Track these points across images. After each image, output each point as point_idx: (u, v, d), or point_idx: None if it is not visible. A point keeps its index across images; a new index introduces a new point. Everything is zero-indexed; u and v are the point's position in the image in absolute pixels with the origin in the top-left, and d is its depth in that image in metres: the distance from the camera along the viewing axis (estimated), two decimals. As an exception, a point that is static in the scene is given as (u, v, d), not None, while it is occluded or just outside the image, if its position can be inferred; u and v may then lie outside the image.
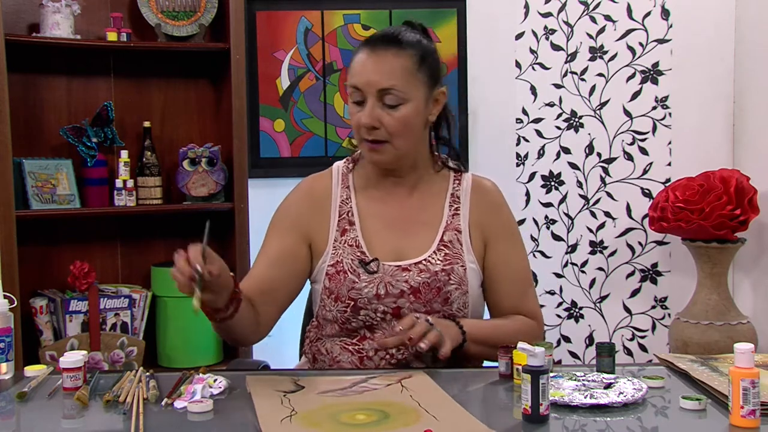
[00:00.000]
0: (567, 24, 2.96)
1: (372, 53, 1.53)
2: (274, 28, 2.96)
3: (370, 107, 1.52)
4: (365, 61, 1.53)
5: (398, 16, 2.95)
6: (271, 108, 2.97)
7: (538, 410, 1.17)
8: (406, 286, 1.55)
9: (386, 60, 1.52)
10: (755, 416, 1.15)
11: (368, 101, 1.52)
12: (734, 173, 2.61)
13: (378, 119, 1.52)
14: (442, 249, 1.59)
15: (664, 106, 2.94)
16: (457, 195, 1.65)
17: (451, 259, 1.58)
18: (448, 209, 1.64)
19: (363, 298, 1.55)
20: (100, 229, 2.80)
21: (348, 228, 1.61)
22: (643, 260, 2.98)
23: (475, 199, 1.66)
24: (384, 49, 1.53)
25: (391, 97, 1.51)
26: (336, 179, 1.67)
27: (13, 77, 2.48)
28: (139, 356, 2.61)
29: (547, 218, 3.01)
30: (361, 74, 1.53)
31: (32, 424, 1.28)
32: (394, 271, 1.56)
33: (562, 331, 3.02)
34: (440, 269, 1.57)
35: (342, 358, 1.59)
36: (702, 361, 1.50)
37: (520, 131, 3.01)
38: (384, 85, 1.51)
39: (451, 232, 1.61)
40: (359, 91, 1.53)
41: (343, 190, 1.65)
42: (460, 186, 1.67)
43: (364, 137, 1.55)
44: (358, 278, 1.55)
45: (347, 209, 1.63)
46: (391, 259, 1.58)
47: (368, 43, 1.55)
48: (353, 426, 1.15)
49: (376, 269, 1.56)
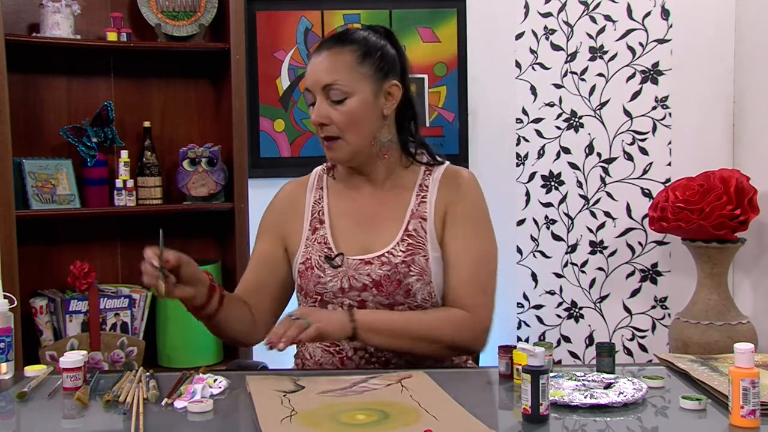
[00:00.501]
0: (567, 24, 2.97)
1: (318, 54, 1.60)
2: (274, 28, 2.95)
3: (318, 105, 1.58)
4: (312, 63, 1.60)
5: (398, 16, 2.95)
6: (271, 108, 2.97)
7: (538, 410, 1.17)
8: (369, 279, 1.57)
9: (329, 57, 1.58)
10: (755, 416, 1.15)
11: (317, 100, 1.58)
12: (734, 173, 2.61)
13: (326, 116, 1.57)
14: (406, 239, 1.60)
15: (664, 106, 2.94)
16: (425, 185, 1.65)
17: (414, 249, 1.58)
18: (415, 198, 1.64)
19: (328, 292, 1.59)
20: (100, 229, 2.80)
21: (318, 227, 1.66)
22: (643, 260, 2.98)
23: (443, 185, 1.65)
24: (327, 48, 1.60)
25: (335, 92, 1.56)
26: (312, 182, 1.74)
27: (13, 77, 2.48)
28: (139, 356, 2.61)
29: (547, 218, 3.01)
30: (309, 75, 1.60)
31: (32, 424, 1.28)
32: (358, 265, 1.59)
33: (562, 331, 3.03)
34: (401, 261, 1.57)
35: (324, 360, 1.61)
36: (702, 361, 1.50)
37: (520, 131, 3.01)
38: (326, 81, 1.56)
39: (416, 220, 1.61)
40: (310, 92, 1.59)
41: (316, 191, 1.71)
42: (431, 176, 1.66)
43: (319, 136, 1.61)
44: (324, 273, 1.59)
45: (319, 209, 1.68)
46: (357, 254, 1.60)
47: (318, 48, 1.62)
48: (353, 426, 1.15)
49: (340, 264, 1.59)
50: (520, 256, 3.02)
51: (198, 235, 2.91)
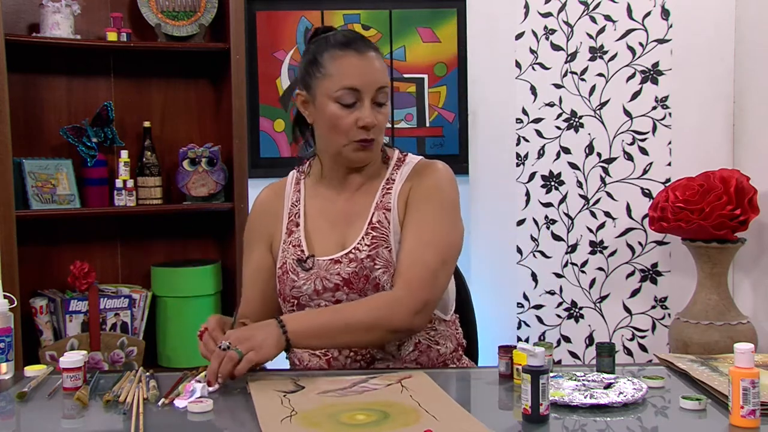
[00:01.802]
0: (567, 24, 2.96)
1: (362, 56, 1.57)
2: (274, 28, 2.96)
3: (370, 106, 1.55)
4: (359, 63, 1.56)
5: (398, 16, 2.95)
6: (271, 108, 2.97)
7: (538, 410, 1.17)
8: (339, 278, 1.57)
9: (376, 60, 1.59)
10: (755, 416, 1.15)
11: (365, 102, 1.55)
12: (734, 173, 2.61)
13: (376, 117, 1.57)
14: (370, 233, 1.59)
15: (664, 106, 2.94)
16: (392, 178, 1.65)
17: (377, 242, 1.57)
18: (381, 191, 1.64)
19: (304, 295, 1.59)
20: (100, 229, 2.80)
21: (294, 229, 1.65)
22: (643, 260, 2.98)
23: (410, 177, 1.64)
24: (367, 50, 1.58)
25: (382, 96, 1.57)
26: (289, 185, 1.73)
27: (13, 77, 2.48)
28: (139, 356, 2.61)
29: (547, 218, 3.01)
30: (360, 76, 1.55)
31: (32, 424, 1.28)
32: (328, 265, 1.58)
33: (562, 331, 3.03)
34: (365, 255, 1.56)
35: (311, 363, 1.61)
36: (702, 361, 1.50)
37: (520, 131, 3.01)
38: (382, 83, 1.57)
39: (380, 212, 1.61)
40: (355, 92, 1.55)
41: (294, 194, 1.71)
42: (399, 170, 1.66)
43: (356, 138, 1.57)
44: (297, 276, 1.59)
45: (296, 211, 1.67)
46: (331, 254, 1.59)
47: (350, 47, 1.57)
48: (353, 426, 1.16)
49: (311, 266, 1.58)
50: (520, 256, 3.02)
51: (198, 235, 2.91)
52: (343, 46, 1.57)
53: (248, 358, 1.36)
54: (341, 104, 1.56)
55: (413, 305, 1.48)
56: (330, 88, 1.56)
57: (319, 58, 1.58)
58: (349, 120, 1.55)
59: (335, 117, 1.56)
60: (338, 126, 1.56)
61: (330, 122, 1.57)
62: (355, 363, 1.58)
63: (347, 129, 1.56)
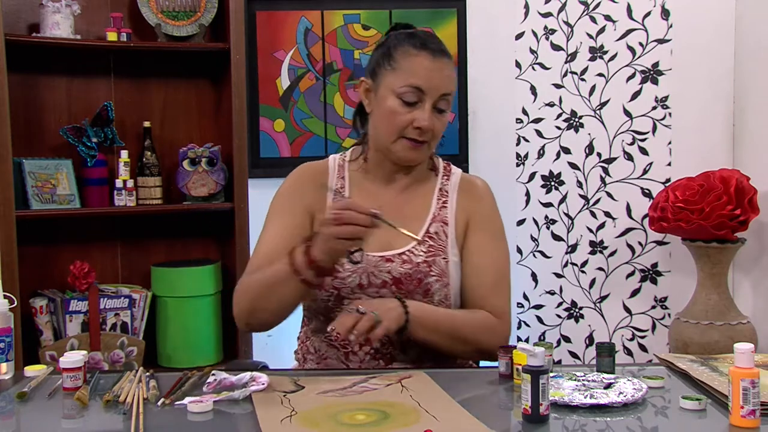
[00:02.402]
0: (567, 24, 2.96)
1: (435, 60, 1.58)
2: (274, 28, 2.95)
3: (430, 110, 1.57)
4: (430, 66, 1.57)
5: (398, 16, 2.95)
6: (271, 108, 2.97)
7: (538, 410, 1.17)
8: (389, 276, 1.57)
9: (447, 67, 1.60)
10: (755, 416, 1.15)
11: (426, 104, 1.56)
12: (734, 173, 2.61)
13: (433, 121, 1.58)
14: (427, 240, 1.62)
15: (664, 106, 2.94)
16: (445, 189, 1.69)
17: (435, 251, 1.61)
18: (436, 202, 1.67)
19: (346, 287, 1.58)
20: (100, 229, 2.80)
21: None
22: (643, 260, 2.98)
23: (462, 192, 1.69)
24: (441, 56, 1.59)
25: (444, 103, 1.59)
26: (333, 169, 1.71)
27: (13, 77, 2.48)
28: (139, 356, 2.61)
29: (547, 218, 3.01)
30: (427, 78, 1.56)
31: (32, 424, 1.28)
32: (378, 262, 1.58)
33: (562, 331, 3.03)
34: (422, 260, 1.59)
35: (329, 354, 1.60)
36: (702, 361, 1.50)
37: (520, 131, 3.01)
38: (448, 90, 1.59)
39: (437, 223, 1.64)
40: (419, 92, 1.56)
41: (338, 180, 1.69)
42: (449, 181, 1.71)
43: (410, 136, 1.58)
44: (342, 267, 1.57)
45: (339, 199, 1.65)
46: (377, 250, 1.59)
47: (426, 49, 1.58)
48: (353, 426, 1.16)
49: (359, 259, 1.56)
50: (520, 256, 3.02)
51: (198, 235, 2.91)
52: (420, 45, 1.59)
53: (385, 326, 1.41)
54: (402, 101, 1.57)
55: (503, 335, 1.62)
56: (395, 82, 1.58)
57: (392, 51, 1.60)
58: (406, 118, 1.57)
59: (393, 112, 1.58)
60: (394, 121, 1.58)
61: (387, 116, 1.59)
62: (374, 360, 1.58)
63: (402, 126, 1.58)
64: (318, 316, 1.63)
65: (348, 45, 2.97)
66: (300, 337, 1.72)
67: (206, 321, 2.71)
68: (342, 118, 2.99)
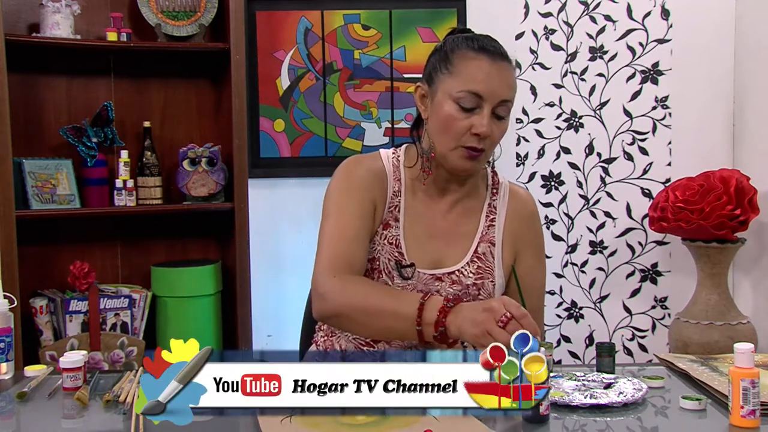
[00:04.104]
0: (567, 24, 2.96)
1: (494, 64, 1.51)
2: (274, 28, 2.95)
3: (485, 116, 1.49)
4: (489, 71, 1.50)
5: (398, 16, 2.95)
6: (271, 108, 2.97)
7: (538, 410, 1.17)
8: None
9: (507, 73, 1.52)
10: (755, 416, 1.15)
11: (484, 110, 1.49)
12: (734, 173, 2.60)
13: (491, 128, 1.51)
14: (476, 261, 1.58)
15: (664, 106, 2.94)
16: (494, 205, 1.64)
17: (483, 273, 1.57)
18: (484, 220, 1.62)
19: None
20: (100, 229, 2.80)
21: (392, 224, 1.57)
22: (643, 260, 2.98)
23: (511, 210, 1.65)
24: (502, 60, 1.52)
25: (504, 109, 1.52)
26: (389, 170, 1.61)
27: (13, 77, 2.48)
28: (139, 356, 2.61)
29: (547, 218, 3.01)
30: (486, 83, 1.49)
31: (32, 424, 1.28)
32: (428, 280, 1.54)
33: (562, 331, 3.02)
34: (472, 283, 1.55)
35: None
36: (702, 361, 1.50)
37: (520, 131, 3.01)
38: (506, 96, 1.51)
39: (485, 243, 1.60)
40: (477, 98, 1.49)
41: (395, 181, 1.60)
42: (497, 195, 1.65)
43: (466, 144, 1.51)
44: (392, 281, 1.52)
45: (396, 203, 1.59)
46: (427, 267, 1.55)
47: (485, 52, 1.52)
48: (353, 426, 1.15)
49: (410, 276, 1.52)
50: (520, 256, 3.02)
51: (198, 235, 2.91)
52: (479, 49, 1.52)
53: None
54: (460, 106, 1.50)
55: None
56: (453, 87, 1.50)
57: (450, 54, 1.53)
58: (464, 124, 1.50)
59: (450, 118, 1.51)
60: (451, 128, 1.51)
61: (444, 122, 1.52)
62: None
63: (459, 133, 1.50)
64: None
65: (348, 45, 2.97)
66: (324, 330, 1.65)
67: (206, 321, 2.71)
68: (342, 118, 2.99)
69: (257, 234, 2.80)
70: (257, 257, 2.77)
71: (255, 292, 2.73)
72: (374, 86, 2.97)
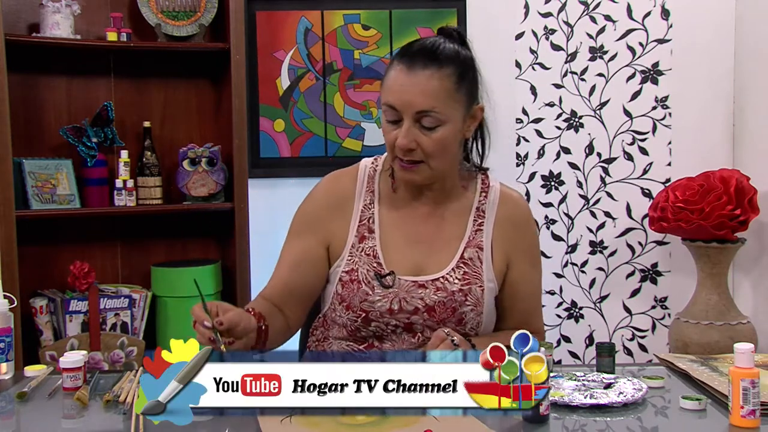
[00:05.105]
0: (567, 24, 2.96)
1: (410, 71, 1.43)
2: (274, 28, 2.95)
3: (406, 129, 1.44)
4: (402, 80, 1.43)
5: (398, 16, 2.95)
6: (271, 108, 2.97)
7: (538, 410, 1.17)
8: (421, 303, 1.51)
9: (425, 80, 1.43)
10: (755, 416, 1.15)
11: (405, 122, 1.44)
12: (734, 173, 2.61)
13: (415, 140, 1.44)
14: (462, 267, 1.53)
15: (664, 106, 2.94)
16: (482, 209, 1.59)
17: (470, 279, 1.53)
18: (471, 224, 1.58)
19: (375, 311, 1.51)
20: (100, 229, 2.80)
21: (367, 235, 1.55)
22: (643, 260, 2.98)
23: (501, 214, 1.59)
24: (422, 67, 1.43)
25: (429, 120, 1.44)
26: (361, 180, 1.60)
27: (13, 77, 2.48)
28: (139, 356, 2.61)
29: (547, 218, 3.01)
30: (398, 94, 1.44)
31: (32, 424, 1.28)
32: (410, 287, 1.52)
33: (562, 331, 3.02)
34: (457, 289, 1.52)
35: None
36: (702, 361, 1.50)
37: (520, 131, 3.01)
38: (422, 107, 1.43)
39: (472, 248, 1.55)
40: (394, 110, 1.45)
41: (367, 194, 1.59)
42: (487, 198, 1.60)
43: (398, 156, 1.48)
44: (372, 291, 1.51)
45: (369, 215, 1.57)
46: (408, 274, 1.53)
47: (404, 58, 1.45)
48: (353, 426, 1.15)
49: (391, 284, 1.51)
50: (520, 256, 3.01)
51: (198, 235, 2.91)
52: (400, 57, 1.46)
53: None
54: (386, 119, 1.47)
55: None
56: (381, 100, 1.48)
57: (391, 61, 1.49)
58: (392, 137, 1.46)
59: (384, 131, 1.49)
60: (386, 140, 1.49)
61: (383, 135, 1.50)
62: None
63: (390, 146, 1.48)
64: (341, 328, 1.56)
65: (348, 45, 2.97)
66: (315, 335, 1.65)
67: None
68: (342, 118, 2.99)
69: (257, 234, 2.80)
70: (257, 257, 2.76)
71: (255, 292, 2.73)
72: (374, 86, 2.97)
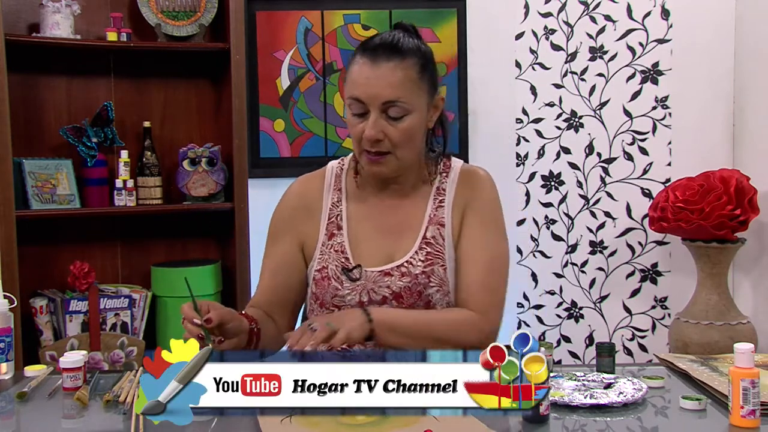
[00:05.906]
0: (567, 24, 2.97)
1: (373, 64, 1.46)
2: (274, 28, 2.95)
3: (373, 120, 1.46)
4: (367, 73, 1.46)
5: (398, 16, 2.95)
6: (271, 108, 2.97)
7: (538, 410, 1.17)
8: (388, 291, 1.53)
9: (389, 71, 1.46)
10: (755, 416, 1.15)
11: (371, 114, 1.46)
12: (734, 173, 2.61)
13: (382, 131, 1.47)
14: (424, 248, 1.54)
15: (664, 106, 2.94)
16: (443, 188, 1.60)
17: (432, 259, 1.54)
18: (432, 202, 1.58)
19: (346, 305, 1.53)
20: (100, 229, 2.80)
21: (336, 232, 1.58)
22: (643, 260, 2.98)
23: (460, 186, 1.59)
24: (386, 59, 1.46)
25: (395, 110, 1.46)
26: (328, 181, 1.63)
27: (13, 77, 2.48)
28: (139, 356, 2.61)
29: (547, 218, 3.01)
30: (363, 86, 1.46)
31: (32, 424, 1.28)
32: (377, 277, 1.53)
33: (562, 331, 3.03)
34: (420, 271, 1.53)
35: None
36: (702, 361, 1.50)
37: (520, 131, 3.01)
38: (389, 98, 1.45)
39: (434, 226, 1.56)
40: (361, 103, 1.47)
41: (334, 192, 1.62)
42: (447, 178, 1.61)
43: (365, 149, 1.49)
44: (341, 285, 1.53)
45: (336, 213, 1.60)
46: (379, 264, 1.54)
47: (367, 52, 1.48)
48: (353, 426, 1.15)
49: (358, 276, 1.53)
50: (520, 256, 3.02)
51: (198, 235, 2.91)
52: (365, 50, 1.49)
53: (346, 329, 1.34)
54: (352, 113, 1.50)
55: (487, 329, 1.51)
56: (346, 93, 1.51)
57: (352, 56, 1.51)
58: (358, 130, 1.49)
59: (349, 124, 1.51)
60: (352, 134, 1.51)
61: (348, 129, 1.52)
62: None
63: (357, 138, 1.50)
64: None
65: (348, 45, 2.97)
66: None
67: (206, 321, 2.71)
68: (342, 118, 2.98)
69: (257, 234, 2.80)
70: (257, 257, 2.76)
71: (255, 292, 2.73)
72: (374, 86, 2.97)
